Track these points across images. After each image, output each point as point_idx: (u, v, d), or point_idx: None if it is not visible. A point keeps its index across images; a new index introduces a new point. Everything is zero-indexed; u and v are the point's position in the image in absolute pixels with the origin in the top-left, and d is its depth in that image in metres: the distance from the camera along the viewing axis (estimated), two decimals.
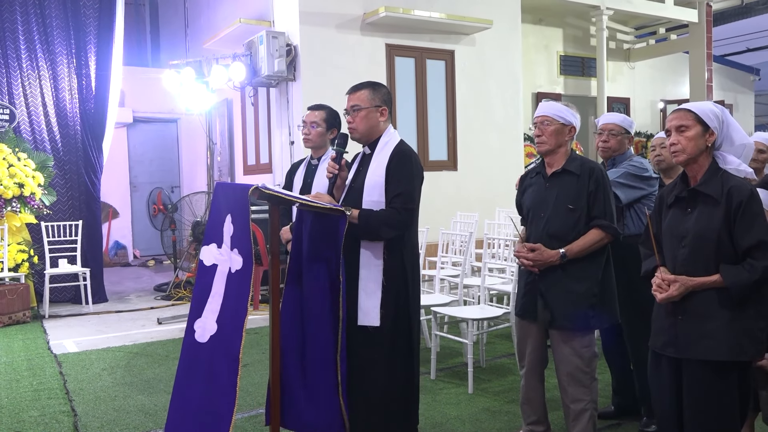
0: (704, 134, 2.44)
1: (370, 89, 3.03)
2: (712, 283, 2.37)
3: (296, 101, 7.53)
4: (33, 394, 4.48)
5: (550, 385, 3.45)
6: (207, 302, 2.67)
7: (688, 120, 2.45)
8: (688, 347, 2.41)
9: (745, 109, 15.90)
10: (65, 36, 7.86)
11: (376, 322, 2.90)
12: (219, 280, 2.65)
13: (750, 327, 2.34)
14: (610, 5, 10.58)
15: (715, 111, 2.46)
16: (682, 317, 2.43)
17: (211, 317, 2.63)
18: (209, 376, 2.58)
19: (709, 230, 2.38)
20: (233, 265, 2.58)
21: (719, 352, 2.35)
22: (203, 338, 2.64)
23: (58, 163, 7.81)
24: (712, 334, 2.36)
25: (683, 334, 2.43)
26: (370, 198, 2.93)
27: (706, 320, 2.38)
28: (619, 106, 12.34)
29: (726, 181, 2.40)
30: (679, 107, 2.53)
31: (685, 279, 2.40)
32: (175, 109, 9.96)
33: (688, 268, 2.42)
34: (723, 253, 2.37)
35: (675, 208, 2.52)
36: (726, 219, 2.36)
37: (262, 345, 5.58)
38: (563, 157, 3.07)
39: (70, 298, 7.86)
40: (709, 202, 2.41)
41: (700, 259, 2.40)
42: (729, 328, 2.34)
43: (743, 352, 2.35)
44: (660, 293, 2.45)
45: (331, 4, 7.63)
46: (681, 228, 2.46)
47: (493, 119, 8.86)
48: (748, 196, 2.34)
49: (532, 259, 3.00)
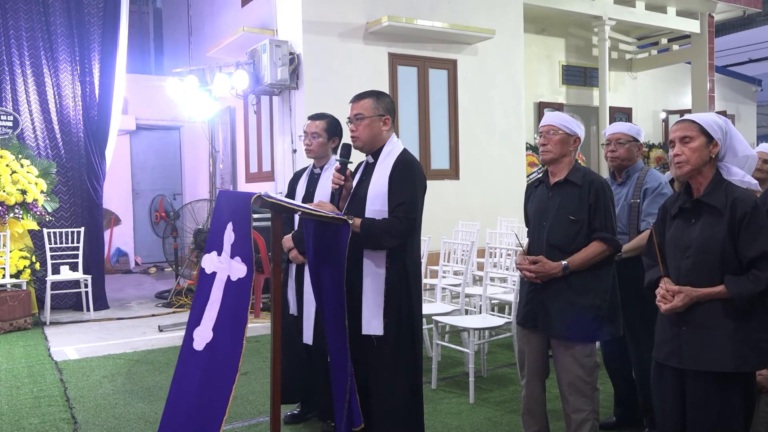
0: (708, 145, 2.44)
1: (373, 98, 3.03)
2: (716, 294, 2.36)
3: (299, 109, 7.55)
4: (33, 401, 4.47)
5: (551, 395, 3.44)
6: (205, 310, 2.66)
7: (692, 131, 2.45)
8: (691, 358, 2.40)
9: (748, 119, 15.91)
10: (69, 43, 7.90)
11: (379, 332, 2.91)
12: (217, 288, 2.64)
13: (754, 338, 2.33)
14: (613, 15, 10.60)
15: (718, 122, 2.46)
16: (686, 328, 2.42)
17: (208, 325, 2.62)
18: (203, 385, 2.57)
19: (713, 241, 2.37)
20: (233, 273, 2.57)
21: (723, 364, 2.34)
22: (200, 346, 2.63)
23: (60, 169, 7.82)
24: (715, 346, 2.35)
25: (687, 345, 2.42)
26: (373, 207, 2.93)
27: (709, 331, 2.37)
28: (621, 116, 12.35)
29: (730, 192, 2.39)
30: (683, 118, 2.52)
31: (690, 290, 2.39)
32: (178, 116, 9.98)
33: (691, 278, 2.42)
34: (727, 264, 2.36)
35: (679, 219, 2.51)
36: (730, 230, 2.35)
37: (263, 353, 5.57)
38: (567, 167, 3.07)
39: (71, 305, 7.86)
40: (713, 213, 2.40)
41: (704, 270, 2.39)
42: (733, 339, 2.33)
43: (747, 364, 2.34)
44: (664, 304, 2.45)
45: (334, 14, 7.65)
46: (685, 239, 2.46)
47: (496, 128, 8.86)
48: (753, 207, 2.33)
49: (534, 271, 2.99)
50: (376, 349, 2.93)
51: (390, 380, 2.93)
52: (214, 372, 2.53)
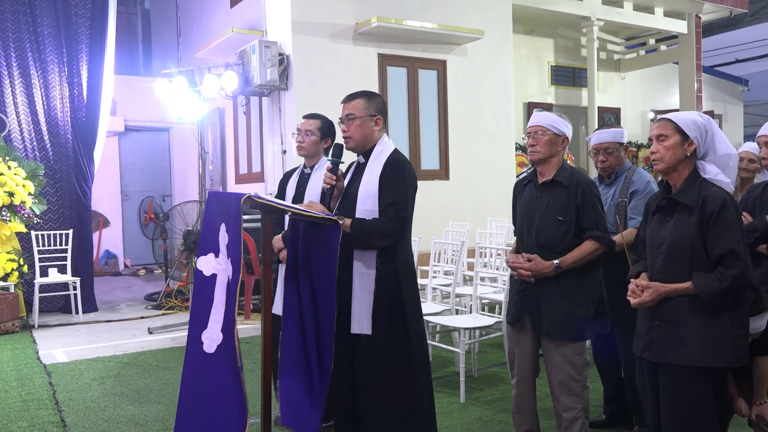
0: (683, 144, 2.48)
1: (364, 98, 3.03)
2: (684, 289, 2.42)
3: (288, 110, 7.54)
4: (22, 404, 4.43)
5: (541, 394, 3.46)
6: (211, 312, 2.66)
7: (667, 129, 2.50)
8: (662, 352, 2.47)
9: (735, 119, 16.03)
10: (57, 44, 7.84)
11: (368, 331, 2.90)
12: (220, 290, 2.64)
13: (723, 333, 2.38)
14: (601, 16, 10.66)
15: (697, 121, 2.50)
16: (658, 322, 2.49)
17: (216, 327, 2.62)
18: (219, 387, 2.57)
19: (684, 238, 2.43)
20: (231, 274, 2.58)
21: (691, 358, 2.39)
22: (211, 349, 2.62)
23: (48, 171, 7.77)
24: (684, 340, 2.41)
25: (658, 338, 2.49)
26: (364, 207, 2.93)
27: (679, 326, 2.43)
28: (610, 116, 12.42)
29: (703, 190, 2.44)
30: (661, 117, 2.57)
31: (658, 285, 2.46)
32: (167, 117, 9.93)
33: (664, 274, 2.48)
34: (697, 260, 2.41)
35: (657, 216, 2.58)
36: (699, 227, 2.40)
37: (253, 354, 5.56)
38: (555, 167, 3.09)
39: (59, 308, 7.81)
40: (684, 210, 2.46)
41: (675, 267, 2.45)
42: (700, 334, 2.39)
43: (718, 358, 2.38)
44: (633, 298, 2.53)
45: (324, 14, 7.65)
46: (660, 235, 2.52)
47: (485, 129, 8.89)
48: (721, 204, 2.38)
49: (528, 268, 3.01)
50: (365, 348, 2.92)
51: (380, 380, 2.91)
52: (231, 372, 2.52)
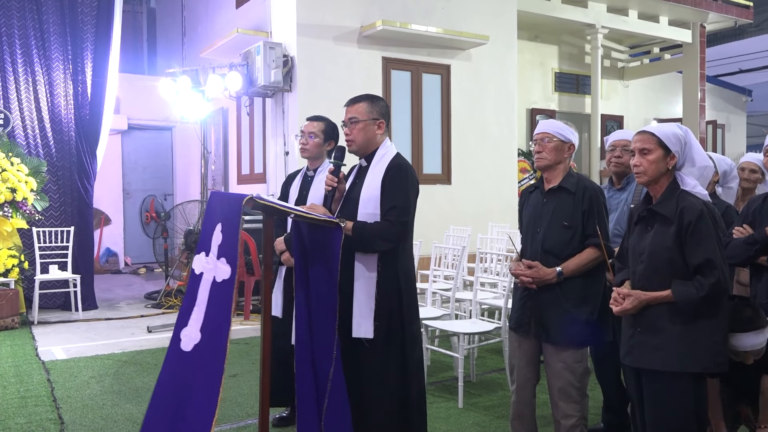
0: (665, 158, 2.56)
1: (368, 102, 3.04)
2: (664, 297, 2.50)
3: (292, 112, 7.54)
4: (20, 400, 4.43)
5: (539, 400, 3.45)
6: (192, 311, 2.65)
7: (650, 144, 2.57)
8: (642, 357, 2.56)
9: (738, 129, 16.03)
10: (62, 42, 7.86)
11: (369, 335, 2.90)
12: (203, 289, 2.63)
13: (701, 339, 2.46)
14: (606, 24, 10.67)
15: (677, 134, 2.58)
16: (639, 329, 2.58)
17: (195, 326, 2.61)
18: (190, 386, 2.55)
19: (662, 248, 2.51)
20: (218, 274, 2.56)
21: (668, 363, 2.48)
22: (188, 347, 2.61)
23: (51, 168, 7.78)
24: (663, 346, 2.50)
25: (639, 344, 2.58)
26: (366, 210, 2.93)
27: (658, 332, 2.52)
28: (613, 123, 12.43)
29: (681, 201, 2.51)
30: (643, 129, 2.64)
31: (639, 293, 2.54)
32: (170, 117, 9.95)
33: (644, 283, 2.56)
34: (676, 269, 2.49)
35: (639, 226, 2.66)
36: (678, 237, 2.48)
37: (252, 355, 5.56)
38: (561, 174, 3.09)
39: (59, 305, 7.81)
40: (664, 221, 2.53)
41: (655, 275, 2.53)
42: (679, 340, 2.47)
43: (696, 364, 2.46)
44: (615, 306, 2.61)
45: (329, 17, 7.66)
46: (641, 245, 2.60)
47: (488, 134, 8.89)
48: (698, 216, 2.45)
49: (529, 276, 3.01)
50: (367, 352, 2.91)
51: (379, 385, 2.92)
52: (203, 374, 2.51)
